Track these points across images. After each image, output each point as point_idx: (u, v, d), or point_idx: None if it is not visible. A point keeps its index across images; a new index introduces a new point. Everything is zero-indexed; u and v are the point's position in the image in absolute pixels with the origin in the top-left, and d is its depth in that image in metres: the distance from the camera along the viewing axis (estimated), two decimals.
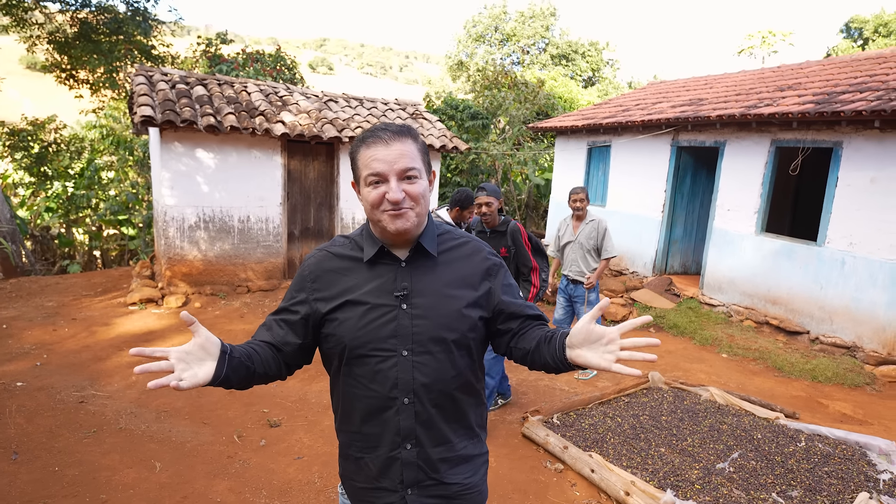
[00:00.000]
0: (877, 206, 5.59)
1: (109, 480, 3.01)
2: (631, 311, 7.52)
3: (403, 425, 1.30)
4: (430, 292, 1.31)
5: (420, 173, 1.29)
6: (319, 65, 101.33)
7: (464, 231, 1.48)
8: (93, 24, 13.11)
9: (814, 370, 5.48)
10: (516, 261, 3.78)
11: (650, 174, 8.53)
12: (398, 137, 1.27)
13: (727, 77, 9.91)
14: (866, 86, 6.17)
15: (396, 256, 1.34)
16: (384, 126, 1.29)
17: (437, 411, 1.32)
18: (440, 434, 1.33)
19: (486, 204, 3.71)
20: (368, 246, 1.35)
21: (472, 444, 1.40)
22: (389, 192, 1.24)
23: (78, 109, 15.28)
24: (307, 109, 7.81)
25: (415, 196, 1.27)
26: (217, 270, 7.23)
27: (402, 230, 1.27)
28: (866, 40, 29.22)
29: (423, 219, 1.34)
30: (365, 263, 1.34)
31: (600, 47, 29.19)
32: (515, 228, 3.76)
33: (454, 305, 1.31)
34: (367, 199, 1.28)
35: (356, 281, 1.33)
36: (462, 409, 1.37)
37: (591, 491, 3.21)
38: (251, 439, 3.61)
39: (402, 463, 1.31)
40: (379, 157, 1.25)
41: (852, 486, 3.29)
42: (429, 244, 1.34)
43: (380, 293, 1.30)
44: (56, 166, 13.43)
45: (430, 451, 1.33)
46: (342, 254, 1.38)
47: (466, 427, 1.39)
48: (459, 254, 1.39)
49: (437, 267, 1.34)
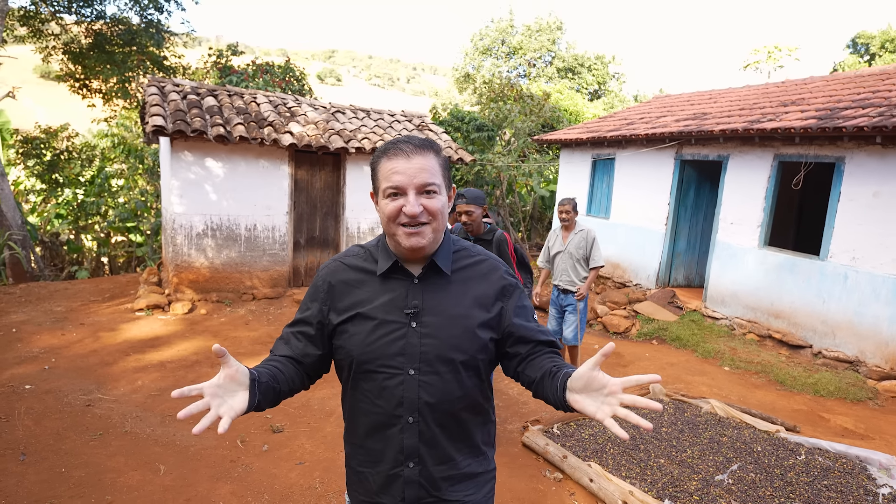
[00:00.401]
0: (879, 221, 5.61)
1: (115, 482, 3.06)
2: (634, 322, 7.53)
3: (407, 444, 1.29)
4: (441, 312, 1.29)
5: (440, 189, 1.28)
6: (328, 76, 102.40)
7: (482, 248, 1.45)
8: (107, 36, 13.39)
9: (816, 384, 5.47)
10: None
11: (654, 187, 8.57)
12: (420, 151, 1.26)
13: (731, 91, 9.98)
14: (869, 102, 6.21)
15: (410, 272, 1.32)
16: (407, 139, 1.28)
17: (442, 431, 1.31)
18: (444, 453, 1.32)
19: (467, 212, 3.46)
20: (383, 259, 1.33)
21: (477, 462, 1.38)
22: (407, 206, 1.23)
23: (90, 118, 15.56)
24: (315, 120, 7.94)
25: (433, 211, 1.26)
26: (223, 278, 7.32)
27: (417, 247, 1.26)
28: (873, 56, 29.28)
29: (440, 235, 1.31)
30: (378, 277, 1.32)
31: (606, 61, 29.38)
32: (502, 239, 3.54)
33: (464, 326, 1.29)
34: (385, 211, 1.26)
35: (368, 294, 1.32)
36: (467, 428, 1.36)
37: (589, 500, 3.23)
38: (254, 444, 3.66)
39: (405, 481, 1.31)
40: (399, 169, 1.24)
41: (851, 500, 3.29)
42: (443, 262, 1.32)
43: (390, 309, 1.29)
44: (67, 174, 13.66)
45: (432, 470, 1.32)
46: (356, 265, 1.37)
47: (471, 446, 1.37)
48: (474, 273, 1.36)
49: (450, 285, 1.32)
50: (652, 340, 7.04)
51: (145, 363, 5.06)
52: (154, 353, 5.33)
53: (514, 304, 1.36)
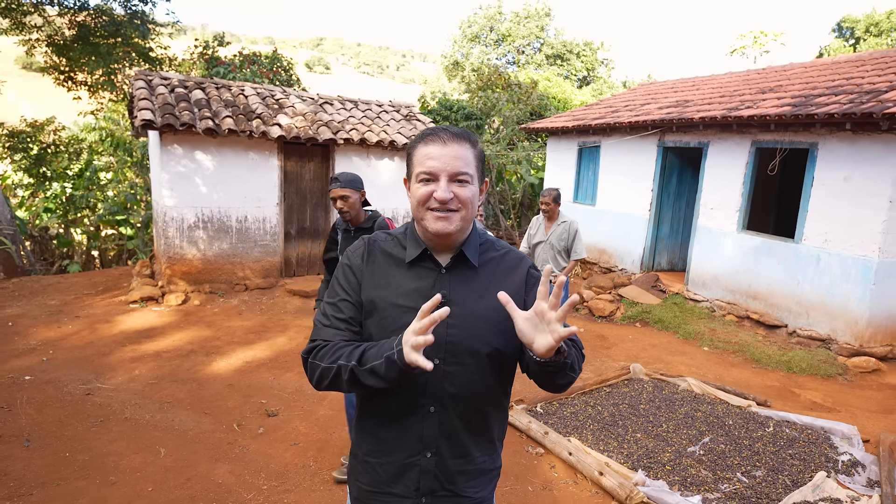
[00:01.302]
0: (850, 205, 5.82)
1: (117, 464, 3.22)
2: (619, 306, 7.75)
3: (427, 433, 1.29)
4: (468, 303, 1.29)
5: (472, 179, 1.28)
6: (316, 64, 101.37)
7: (505, 242, 1.47)
8: (91, 27, 13.27)
9: (789, 362, 5.71)
10: None
11: (638, 174, 8.75)
12: (456, 140, 1.27)
13: (714, 79, 10.14)
14: (842, 89, 6.40)
15: (438, 262, 1.33)
16: (445, 127, 1.29)
17: (462, 423, 1.30)
18: (461, 446, 1.32)
19: (342, 198, 2.98)
20: (412, 246, 1.34)
21: (490, 459, 1.39)
22: (438, 191, 1.24)
23: (76, 110, 15.44)
24: (303, 112, 8.01)
25: (463, 199, 1.26)
26: (215, 269, 7.43)
27: (444, 232, 1.26)
28: (858, 39, 29.53)
29: (468, 225, 1.31)
30: (406, 264, 1.33)
31: (595, 47, 29.42)
32: (384, 226, 3.06)
33: (491, 318, 1.28)
34: (415, 196, 1.27)
35: (395, 280, 1.32)
36: (488, 423, 1.35)
37: (569, 472, 3.43)
38: (250, 427, 3.82)
39: (421, 470, 1.30)
40: (434, 155, 1.25)
41: (812, 467, 3.52)
42: (471, 253, 1.33)
43: (417, 297, 1.27)
44: (55, 168, 13.61)
45: (448, 462, 1.31)
46: (385, 250, 1.37)
47: (489, 441, 1.37)
48: (500, 265, 1.36)
49: (477, 277, 1.33)
50: (636, 323, 7.26)
51: (141, 353, 5.19)
52: (150, 344, 5.46)
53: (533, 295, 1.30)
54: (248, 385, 4.56)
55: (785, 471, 3.47)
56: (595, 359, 5.69)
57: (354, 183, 3.01)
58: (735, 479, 3.37)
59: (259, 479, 3.17)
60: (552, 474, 3.42)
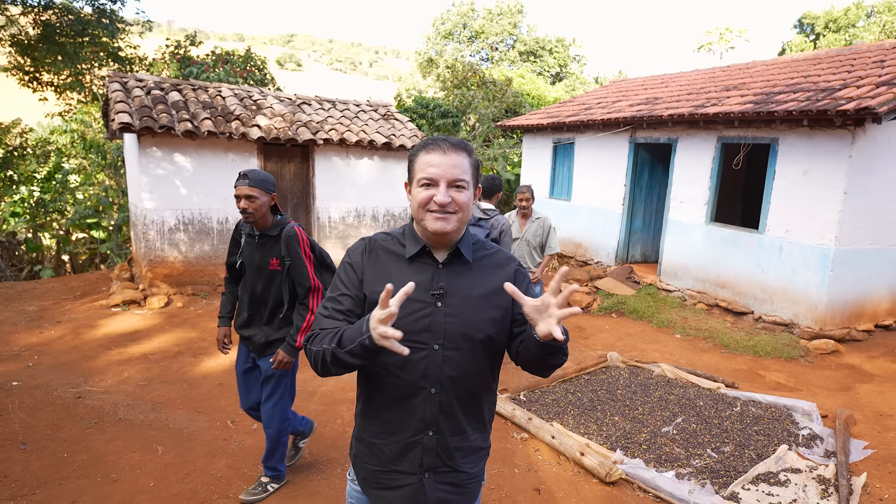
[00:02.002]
0: (808, 197, 6.18)
1: (116, 463, 3.30)
2: (595, 298, 8.02)
3: (429, 413, 1.41)
4: (464, 294, 1.43)
5: (468, 185, 1.41)
6: (287, 61, 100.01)
7: (494, 243, 1.59)
8: (56, 26, 12.95)
9: (755, 346, 6.05)
10: (290, 277, 2.81)
11: (611, 169, 9.04)
12: (455, 149, 1.39)
13: (682, 76, 10.51)
14: (800, 87, 6.76)
15: (435, 258, 1.45)
16: (445, 137, 1.43)
17: (459, 403, 1.44)
18: (458, 424, 1.45)
19: (248, 197, 2.66)
20: (411, 244, 1.46)
21: (482, 438, 1.53)
22: (438, 196, 1.36)
23: (42, 112, 15.06)
24: (281, 113, 8.05)
25: (460, 203, 1.39)
26: (198, 271, 7.44)
27: (442, 231, 1.38)
28: (818, 35, 30.63)
29: (463, 226, 1.45)
30: (406, 259, 1.45)
31: (567, 43, 29.85)
32: (292, 234, 2.77)
33: (483, 308, 1.43)
34: (416, 199, 1.39)
35: (397, 273, 1.43)
36: (479, 403, 1.50)
37: (552, 455, 3.64)
38: (244, 424, 3.92)
39: (424, 448, 1.43)
40: (435, 162, 1.37)
41: (776, 441, 3.80)
42: (466, 250, 1.46)
43: (418, 289, 1.38)
44: (22, 171, 13.28)
45: (448, 440, 1.44)
46: (386, 247, 1.50)
47: (480, 421, 1.52)
48: (491, 262, 1.51)
49: (470, 272, 1.46)
50: (612, 314, 7.54)
51: (128, 356, 5.22)
52: (136, 346, 5.48)
53: (522, 290, 1.44)
54: None
55: (751, 445, 3.74)
56: (574, 349, 5.93)
57: (265, 184, 2.72)
58: (705, 454, 3.62)
59: (258, 472, 3.28)
60: (537, 457, 3.62)
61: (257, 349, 2.91)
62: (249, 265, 2.86)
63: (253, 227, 2.82)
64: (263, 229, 2.80)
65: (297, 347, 2.76)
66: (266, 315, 2.87)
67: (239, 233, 2.93)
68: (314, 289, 2.82)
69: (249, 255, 2.85)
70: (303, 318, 2.78)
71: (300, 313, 2.80)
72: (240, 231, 2.93)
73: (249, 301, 2.90)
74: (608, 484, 3.29)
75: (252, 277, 2.86)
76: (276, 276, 2.84)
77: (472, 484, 1.52)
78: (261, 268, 2.82)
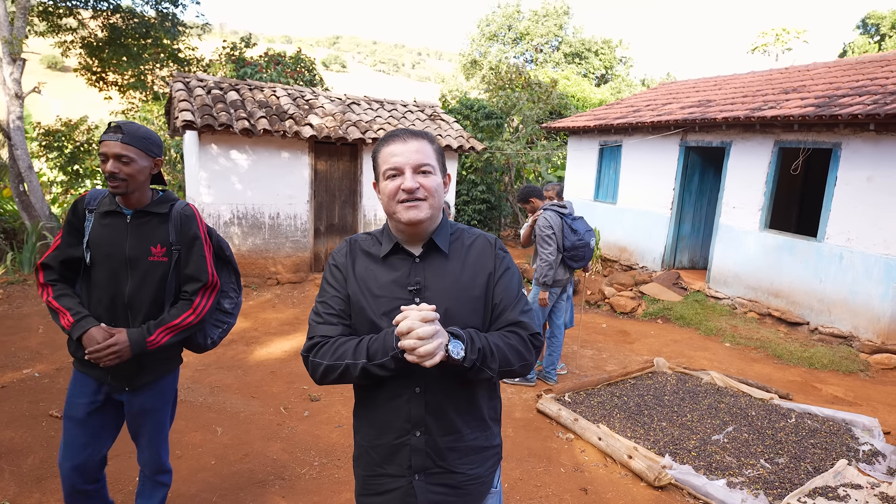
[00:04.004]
0: (872, 204, 5.91)
1: (180, 441, 3.49)
2: (640, 303, 7.89)
3: (414, 413, 1.36)
4: (442, 287, 1.38)
5: (434, 170, 1.38)
6: (332, 62, 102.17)
7: (478, 229, 1.54)
8: (122, 29, 13.71)
9: (811, 358, 5.82)
10: (180, 267, 2.09)
11: (659, 173, 8.87)
12: (415, 137, 1.39)
13: (736, 78, 10.19)
14: (865, 89, 6.47)
15: (411, 252, 1.42)
16: (404, 129, 1.42)
17: (449, 401, 1.37)
18: (450, 423, 1.38)
19: (118, 158, 1.94)
20: (386, 242, 1.44)
21: (483, 436, 1.44)
22: (405, 182, 1.34)
23: (105, 108, 15.93)
24: (332, 112, 8.27)
25: (428, 188, 1.36)
26: (249, 264, 7.73)
27: (415, 220, 1.35)
28: (883, 36, 29.04)
29: (437, 213, 1.41)
30: (381, 258, 1.42)
31: (613, 45, 29.36)
32: (189, 214, 2.11)
33: (464, 300, 1.38)
34: (385, 192, 1.37)
35: (375, 273, 1.42)
36: (475, 401, 1.42)
37: (598, 456, 3.63)
38: (296, 411, 4.07)
39: (411, 449, 1.37)
40: (397, 152, 1.36)
41: (834, 455, 3.67)
42: (441, 241, 1.42)
43: (394, 287, 1.38)
44: (88, 165, 14.10)
45: (438, 440, 1.37)
46: (364, 248, 1.47)
47: (479, 419, 1.43)
48: (471, 251, 1.45)
49: (448, 263, 1.42)
50: (657, 320, 7.40)
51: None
52: None
53: (499, 278, 1.44)
54: (289, 372, 4.82)
55: (807, 458, 3.62)
56: (618, 353, 5.86)
57: (146, 143, 2.00)
58: (758, 464, 3.53)
59: (310, 456, 3.41)
60: (583, 457, 3.61)
61: (122, 378, 2.05)
62: (110, 257, 1.99)
63: (120, 203, 2.03)
64: (140, 206, 2.04)
65: (150, 344, 1.97)
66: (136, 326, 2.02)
67: (82, 213, 2.06)
68: (210, 285, 2.10)
69: (112, 242, 2.01)
70: (179, 314, 2.03)
71: (179, 308, 2.04)
72: (83, 210, 2.06)
73: (109, 307, 2.01)
74: (657, 488, 3.26)
75: (112, 274, 2.00)
76: (156, 271, 2.03)
77: (473, 485, 1.43)
78: (134, 259, 1.99)
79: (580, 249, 4.60)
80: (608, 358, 5.68)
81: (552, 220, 4.57)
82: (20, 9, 10.16)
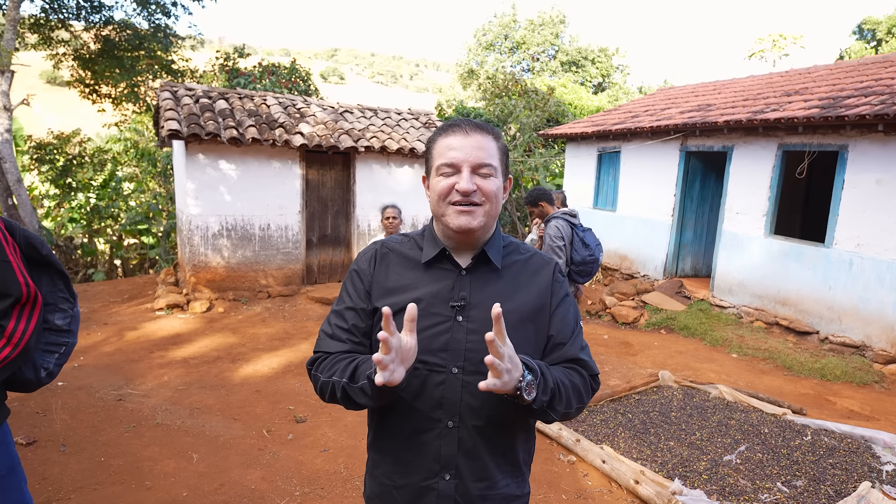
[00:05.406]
0: (882, 208, 5.69)
1: (152, 469, 3.24)
2: (642, 313, 7.65)
3: (444, 452, 1.17)
4: (489, 307, 1.12)
5: (496, 172, 1.20)
6: (331, 75, 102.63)
7: (531, 246, 1.37)
8: (115, 41, 13.59)
9: (823, 369, 5.57)
10: None
11: (660, 179, 8.67)
12: (479, 130, 1.20)
13: (735, 82, 10.03)
14: (871, 90, 6.28)
15: (457, 262, 1.23)
16: (466, 119, 1.22)
17: (484, 441, 1.18)
18: (483, 467, 1.19)
19: None
20: (429, 246, 1.25)
21: (515, 484, 1.25)
22: (460, 182, 1.15)
23: (100, 122, 15.79)
24: (324, 121, 8.09)
25: (487, 192, 1.17)
26: (239, 276, 7.50)
27: (466, 228, 1.17)
28: (879, 41, 29.04)
29: (492, 222, 1.23)
30: (423, 265, 1.23)
31: (610, 53, 29.33)
32: None
33: (514, 324, 1.17)
34: (436, 190, 1.19)
35: (411, 283, 1.22)
36: (511, 442, 1.23)
37: (602, 480, 3.37)
38: (279, 434, 3.82)
39: (438, 495, 1.18)
40: (456, 145, 1.17)
41: (855, 477, 3.41)
42: (493, 254, 1.23)
43: (435, 300, 1.19)
44: (80, 178, 13.92)
45: (469, 486, 1.18)
46: (399, 251, 1.28)
47: (512, 463, 1.24)
48: (525, 269, 1.27)
49: (499, 280, 1.23)
50: (660, 330, 7.16)
51: (169, 360, 5.24)
52: (177, 350, 5.51)
53: (556, 307, 1.25)
54: (276, 391, 4.57)
55: (827, 480, 3.37)
56: (621, 365, 5.61)
57: None
58: (775, 488, 3.28)
59: (291, 485, 3.16)
60: (586, 482, 3.36)
61: None
62: None
63: None
64: None
65: None
66: None
67: None
68: (27, 300, 1.53)
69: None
70: None
71: None
72: None
73: None
74: None
75: None
76: None
77: None
78: None
79: (589, 265, 4.27)
80: (611, 371, 5.43)
81: (563, 230, 4.20)
82: (9, 21, 10.02)
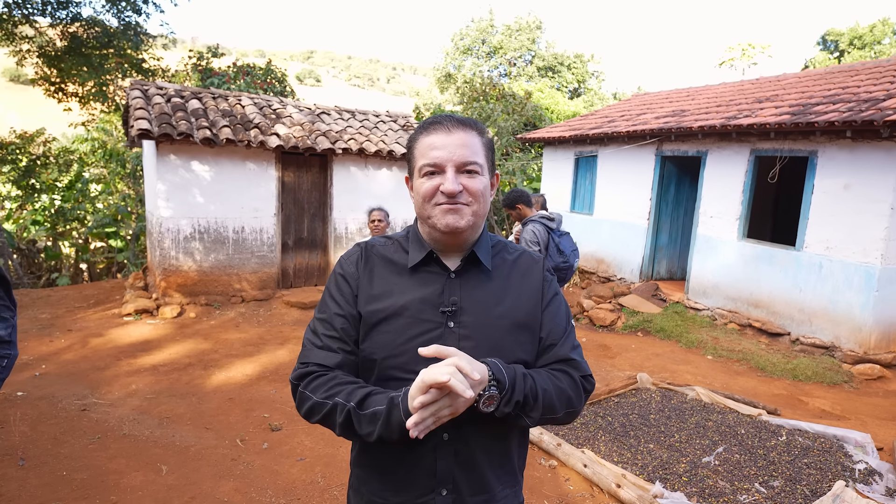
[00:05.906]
0: (850, 212, 5.85)
1: (118, 483, 3.09)
2: (619, 315, 7.70)
3: (440, 466, 1.11)
4: (481, 311, 1.14)
5: (482, 169, 1.14)
6: (307, 77, 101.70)
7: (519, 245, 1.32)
8: (83, 38, 13.17)
9: (794, 369, 5.68)
10: None
11: (636, 182, 8.77)
12: (462, 127, 1.13)
13: (709, 89, 10.24)
14: (839, 97, 6.46)
15: (445, 265, 1.17)
16: (448, 115, 1.16)
17: (481, 452, 1.14)
18: (481, 480, 1.14)
19: None
20: (415, 250, 1.18)
21: (512, 493, 1.21)
22: (445, 184, 1.10)
23: (66, 122, 15.28)
24: (300, 122, 7.96)
25: (474, 192, 1.12)
26: (212, 281, 7.30)
27: (454, 228, 1.11)
28: (842, 52, 30.12)
29: (481, 222, 1.17)
30: (409, 269, 1.17)
31: (585, 59, 29.75)
32: None
33: (507, 328, 1.15)
34: (419, 192, 1.13)
35: (397, 289, 1.16)
36: (508, 450, 1.19)
37: (584, 485, 3.35)
38: (254, 443, 3.70)
39: None
40: (438, 144, 1.11)
41: (830, 476, 3.46)
42: (483, 255, 1.18)
43: (424, 306, 1.13)
44: (44, 179, 13.42)
45: (468, 500, 1.13)
46: (383, 255, 1.21)
47: (510, 472, 1.20)
48: (515, 269, 1.22)
49: (490, 282, 1.18)
50: (637, 332, 7.22)
51: (137, 367, 5.05)
52: (146, 357, 5.32)
53: (546, 306, 1.21)
54: (250, 399, 4.44)
55: (802, 480, 3.41)
56: (600, 368, 5.62)
57: None
58: (753, 489, 3.30)
59: (266, 497, 3.05)
60: (567, 487, 3.33)
61: None
62: None
63: None
64: None
65: None
66: None
67: None
68: None
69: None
70: None
71: None
72: None
73: None
74: None
75: None
76: None
77: None
78: None
79: (563, 271, 4.23)
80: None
81: (539, 234, 4.13)
82: None
